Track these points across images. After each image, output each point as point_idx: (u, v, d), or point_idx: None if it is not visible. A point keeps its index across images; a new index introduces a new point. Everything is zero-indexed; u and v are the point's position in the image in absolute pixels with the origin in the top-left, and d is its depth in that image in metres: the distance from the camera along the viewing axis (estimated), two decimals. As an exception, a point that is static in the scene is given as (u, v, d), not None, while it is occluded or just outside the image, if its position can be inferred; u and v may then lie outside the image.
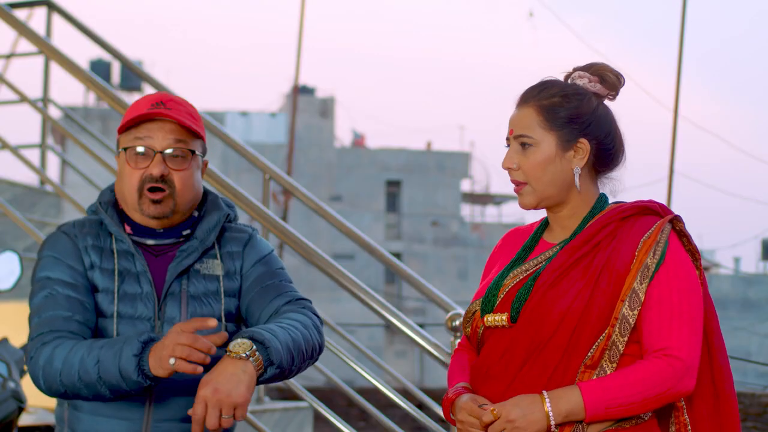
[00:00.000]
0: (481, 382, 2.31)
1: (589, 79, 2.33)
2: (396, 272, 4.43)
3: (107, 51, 5.96)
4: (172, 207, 2.40)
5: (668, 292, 2.21)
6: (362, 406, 4.44)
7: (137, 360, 2.18)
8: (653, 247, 2.22)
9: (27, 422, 4.05)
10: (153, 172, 2.37)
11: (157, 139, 2.38)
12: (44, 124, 6.34)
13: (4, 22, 4.90)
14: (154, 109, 2.39)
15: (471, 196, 34.51)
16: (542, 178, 2.29)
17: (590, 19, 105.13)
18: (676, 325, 2.19)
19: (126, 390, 2.22)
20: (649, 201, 2.32)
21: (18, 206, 5.83)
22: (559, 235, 2.35)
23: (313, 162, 30.71)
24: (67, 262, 2.38)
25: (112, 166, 4.66)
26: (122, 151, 2.41)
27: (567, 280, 2.23)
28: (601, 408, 2.15)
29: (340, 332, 4.89)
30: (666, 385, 2.17)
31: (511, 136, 2.32)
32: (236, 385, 2.16)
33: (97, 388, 2.24)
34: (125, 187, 2.40)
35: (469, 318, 2.37)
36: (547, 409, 2.15)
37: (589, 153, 2.30)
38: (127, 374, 2.19)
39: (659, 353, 2.19)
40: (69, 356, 2.25)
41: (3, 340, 3.57)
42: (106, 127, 28.34)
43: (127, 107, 4.38)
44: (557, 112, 2.29)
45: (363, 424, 9.99)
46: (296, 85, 17.77)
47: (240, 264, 2.48)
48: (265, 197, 4.83)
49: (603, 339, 2.20)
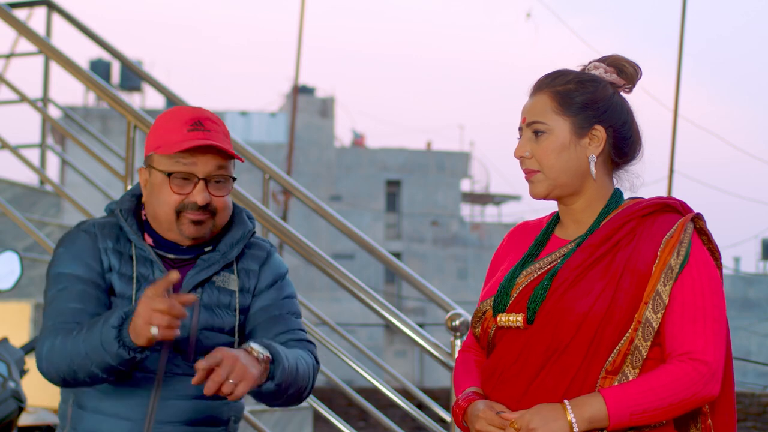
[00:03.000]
0: (493, 385, 2.22)
1: (605, 70, 2.27)
2: (396, 272, 4.42)
3: (107, 51, 5.97)
4: (211, 228, 2.40)
5: (692, 293, 2.12)
6: (362, 405, 4.44)
7: (117, 331, 2.18)
8: (677, 247, 2.14)
9: (27, 422, 4.04)
10: (197, 200, 2.35)
11: (200, 165, 2.36)
12: (44, 123, 6.34)
13: (4, 22, 4.90)
14: (194, 130, 2.36)
15: (471, 195, 34.50)
16: (555, 165, 2.20)
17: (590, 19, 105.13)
18: (701, 327, 2.11)
19: (113, 365, 2.22)
20: (669, 198, 2.23)
21: (18, 206, 5.83)
22: (572, 231, 2.26)
23: (313, 162, 30.70)
24: (85, 260, 2.38)
25: (111, 166, 4.66)
26: (160, 172, 2.37)
27: (587, 279, 2.14)
28: (626, 415, 2.07)
29: (339, 332, 4.89)
30: (692, 390, 2.08)
31: (524, 125, 2.24)
32: (250, 366, 2.18)
33: (88, 366, 2.24)
34: (161, 208, 2.38)
35: (479, 317, 2.27)
36: (570, 419, 2.07)
37: (605, 142, 2.21)
38: (109, 346, 2.19)
39: (684, 357, 2.10)
40: (67, 342, 2.27)
41: (3, 340, 3.56)
42: (106, 127, 28.34)
43: (126, 107, 4.38)
44: (572, 97, 2.21)
45: (363, 423, 9.99)
46: (296, 85, 17.78)
47: (255, 282, 2.47)
48: (264, 197, 4.83)
49: (625, 343, 2.12)
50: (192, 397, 2.37)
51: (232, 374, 2.14)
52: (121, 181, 4.40)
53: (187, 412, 2.37)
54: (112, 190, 5.65)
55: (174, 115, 2.41)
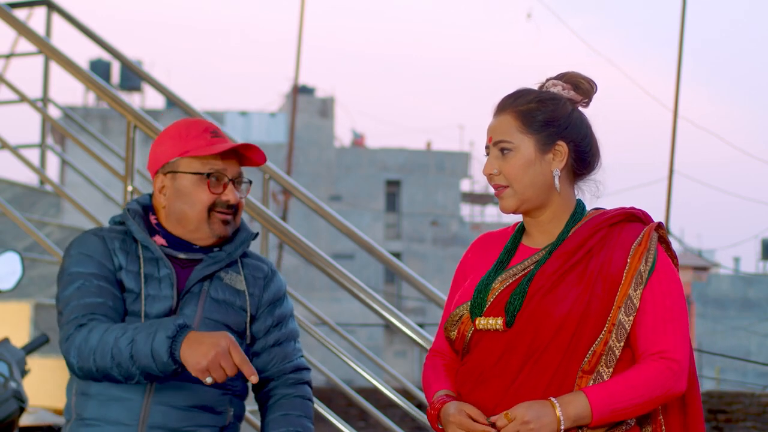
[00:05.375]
0: (473, 386, 2.33)
1: (562, 87, 2.40)
2: (395, 272, 4.43)
3: (107, 51, 5.96)
4: (234, 229, 2.61)
5: (661, 297, 2.28)
6: (362, 405, 4.44)
7: (170, 342, 2.26)
8: (645, 254, 2.29)
9: (28, 422, 4.05)
10: (230, 199, 2.56)
11: (229, 169, 2.58)
12: (44, 123, 6.33)
13: (4, 22, 4.90)
14: (215, 137, 2.58)
15: (470, 195, 34.54)
16: (523, 180, 2.33)
17: (590, 19, 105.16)
18: (670, 328, 2.27)
19: (156, 372, 2.29)
20: (632, 208, 2.38)
21: (18, 206, 5.83)
22: (540, 240, 2.39)
23: (313, 162, 30.72)
24: (97, 259, 2.50)
25: (111, 166, 4.67)
26: (191, 174, 2.55)
27: (563, 285, 2.27)
28: (607, 411, 2.21)
29: (339, 332, 4.89)
30: (666, 387, 2.24)
31: (491, 144, 2.37)
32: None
33: (128, 368, 2.31)
34: (194, 207, 2.55)
35: (456, 321, 2.38)
36: (558, 414, 2.20)
37: (568, 156, 2.35)
38: (159, 355, 2.26)
39: (656, 356, 2.26)
40: (104, 336, 2.34)
41: (4, 340, 3.57)
42: (106, 127, 28.36)
43: (126, 107, 4.38)
44: (534, 116, 2.34)
45: (362, 423, 9.99)
46: (296, 85, 17.77)
47: (260, 291, 2.63)
48: (264, 197, 4.83)
49: (599, 344, 2.26)
50: (188, 382, 2.47)
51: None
52: (121, 181, 4.40)
53: (184, 399, 2.48)
54: (112, 190, 5.65)
55: (191, 125, 2.61)
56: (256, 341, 2.61)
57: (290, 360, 2.64)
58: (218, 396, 2.50)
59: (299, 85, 28.24)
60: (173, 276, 2.51)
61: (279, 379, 2.62)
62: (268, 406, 2.62)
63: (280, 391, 2.61)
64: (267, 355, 2.61)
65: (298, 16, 15.53)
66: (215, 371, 2.21)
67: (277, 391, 2.62)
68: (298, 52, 16.06)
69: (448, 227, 31.80)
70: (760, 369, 25.90)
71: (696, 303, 31.30)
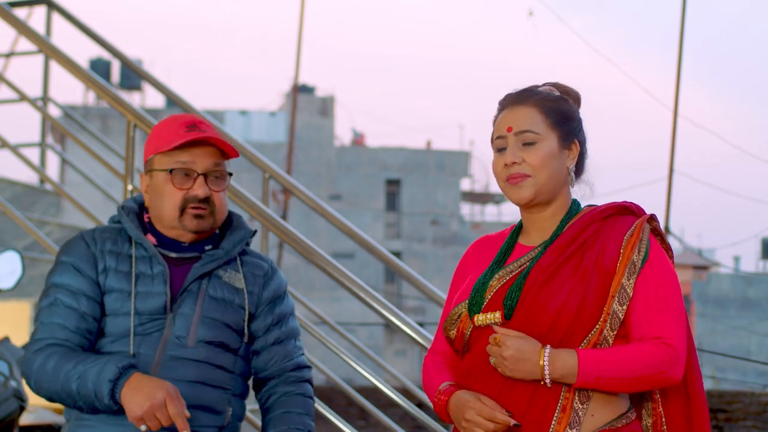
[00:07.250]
0: (473, 381, 2.34)
1: (558, 93, 2.43)
2: (396, 271, 4.43)
3: (107, 50, 5.96)
4: (211, 223, 2.56)
5: (654, 286, 2.30)
6: (362, 405, 4.44)
7: (111, 385, 2.32)
8: (637, 244, 2.32)
9: (28, 421, 4.05)
10: (198, 194, 2.52)
11: (198, 162, 2.53)
12: (44, 122, 6.34)
13: (4, 21, 4.89)
14: (191, 131, 2.53)
15: (471, 195, 34.52)
16: (545, 172, 2.36)
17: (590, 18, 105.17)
18: (665, 317, 2.28)
19: (102, 408, 2.36)
20: (624, 201, 2.41)
21: (18, 205, 5.83)
22: (535, 237, 2.42)
23: (313, 161, 30.72)
24: (80, 268, 2.50)
25: (111, 165, 4.67)
26: (161, 172, 2.54)
27: (558, 277, 2.30)
28: (592, 377, 2.22)
29: (339, 331, 4.89)
30: (660, 368, 2.25)
31: (510, 134, 2.38)
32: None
33: (76, 401, 2.38)
34: (166, 205, 2.53)
35: (455, 320, 2.39)
36: (543, 363, 2.22)
37: (577, 155, 2.41)
38: (101, 396, 2.33)
39: (656, 341, 2.27)
40: (57, 366, 2.39)
41: (4, 339, 3.57)
42: (106, 126, 28.36)
43: (126, 106, 4.39)
44: (560, 112, 2.39)
45: (363, 423, 9.99)
46: (296, 84, 17.79)
47: (260, 289, 2.62)
48: (264, 196, 4.83)
49: (595, 334, 2.28)
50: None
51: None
52: (121, 180, 4.40)
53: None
54: (112, 190, 5.65)
55: (170, 120, 2.59)
56: (256, 339, 2.60)
57: (291, 358, 2.64)
58: (218, 396, 2.50)
59: (299, 84, 28.25)
60: (166, 273, 2.50)
61: (280, 377, 2.62)
62: (269, 404, 2.62)
63: (280, 389, 2.62)
64: (267, 353, 2.61)
65: (298, 15, 15.54)
66: (150, 421, 2.27)
67: (278, 389, 2.62)
68: (298, 52, 16.07)
69: (448, 226, 31.79)
70: (760, 368, 25.90)
71: (696, 302, 31.29)
